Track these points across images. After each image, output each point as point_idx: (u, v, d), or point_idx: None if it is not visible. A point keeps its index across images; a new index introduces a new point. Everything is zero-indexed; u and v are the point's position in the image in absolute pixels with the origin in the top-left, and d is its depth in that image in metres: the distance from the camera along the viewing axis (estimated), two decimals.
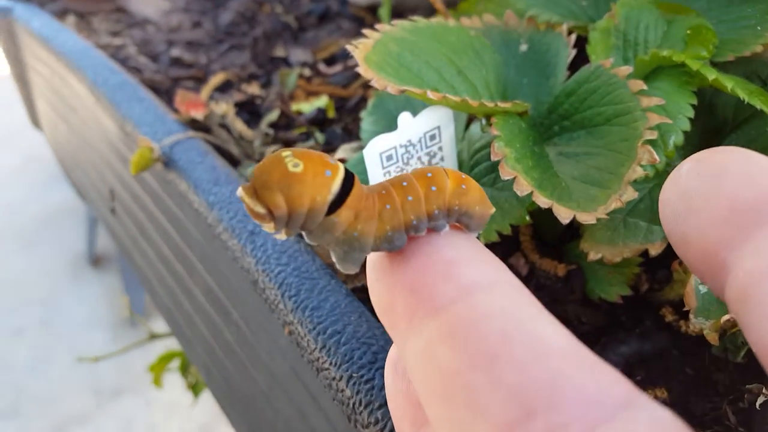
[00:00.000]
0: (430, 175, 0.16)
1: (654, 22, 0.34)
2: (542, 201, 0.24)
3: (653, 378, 0.30)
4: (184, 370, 0.74)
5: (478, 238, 0.30)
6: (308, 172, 0.14)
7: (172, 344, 0.84)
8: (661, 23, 0.34)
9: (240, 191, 0.14)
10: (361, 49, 0.28)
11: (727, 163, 0.14)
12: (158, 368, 0.73)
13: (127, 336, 1.33)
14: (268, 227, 0.14)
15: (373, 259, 0.16)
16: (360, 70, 0.27)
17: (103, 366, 1.26)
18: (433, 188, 0.15)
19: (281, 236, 0.15)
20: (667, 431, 0.11)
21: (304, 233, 0.15)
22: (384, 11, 0.46)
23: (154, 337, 0.68)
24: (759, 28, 0.32)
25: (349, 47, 0.28)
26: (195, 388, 0.74)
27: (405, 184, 0.15)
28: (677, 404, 0.29)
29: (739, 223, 0.13)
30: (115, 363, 1.26)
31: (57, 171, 1.78)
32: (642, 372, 0.30)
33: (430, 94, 0.26)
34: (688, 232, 0.14)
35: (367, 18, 0.56)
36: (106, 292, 1.47)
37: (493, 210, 0.17)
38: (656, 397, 0.29)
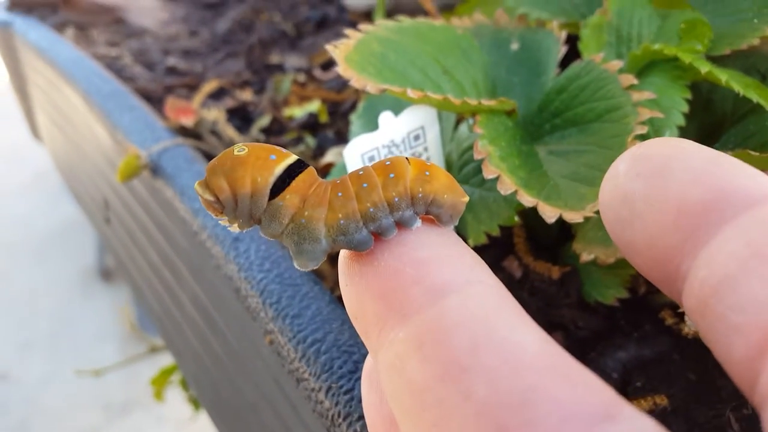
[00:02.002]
0: (388, 163, 0.15)
1: (648, 17, 0.33)
2: (527, 200, 0.23)
3: (653, 384, 0.29)
4: (185, 383, 0.73)
5: (466, 242, 0.29)
6: (251, 156, 0.14)
7: None
8: (655, 18, 0.33)
9: (196, 184, 0.14)
10: (342, 49, 0.27)
11: (667, 160, 0.13)
12: (160, 382, 0.72)
13: (137, 350, 1.33)
14: (222, 219, 0.15)
15: (343, 261, 0.15)
16: (339, 69, 0.26)
17: (113, 381, 1.25)
18: (392, 175, 0.15)
19: (234, 228, 0.15)
20: None
21: (258, 227, 0.15)
22: (378, 15, 0.45)
23: (154, 350, 0.67)
24: (756, 20, 0.31)
25: (328, 47, 0.27)
26: (196, 402, 0.73)
27: (361, 173, 0.15)
28: (678, 411, 0.27)
29: (689, 228, 0.12)
30: (125, 377, 1.26)
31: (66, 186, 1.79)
32: (641, 378, 0.29)
33: (411, 93, 0.25)
34: (635, 239, 0.13)
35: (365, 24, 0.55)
36: (115, 305, 1.47)
37: (467, 198, 0.16)
38: (656, 404, 0.27)
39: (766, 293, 0.11)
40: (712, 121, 0.32)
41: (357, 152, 0.26)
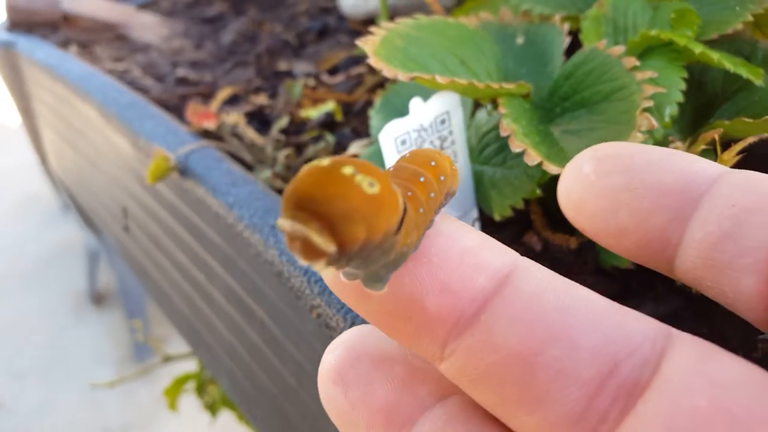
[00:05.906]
0: (434, 164, 0.14)
1: (641, 9, 0.36)
2: (552, 168, 0.26)
3: None
4: (200, 390, 0.74)
5: (492, 217, 0.31)
6: (385, 193, 0.11)
7: (175, 372, 0.82)
8: (648, 9, 0.36)
9: (299, 228, 0.10)
10: (370, 44, 0.30)
11: (630, 157, 0.15)
12: (173, 392, 0.73)
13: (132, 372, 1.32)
14: (318, 265, 0.11)
15: None
16: (371, 61, 0.29)
17: (110, 403, 1.25)
18: (442, 178, 0.14)
19: (327, 273, 0.11)
20: (706, 350, 0.13)
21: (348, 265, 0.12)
22: (382, 19, 0.48)
23: (168, 359, 0.68)
24: (738, 8, 0.34)
25: (358, 42, 0.29)
26: (212, 408, 0.74)
27: (422, 180, 0.14)
28: None
29: (674, 205, 0.15)
30: (121, 399, 1.25)
31: (56, 209, 1.79)
32: None
33: (439, 79, 0.28)
34: (623, 224, 0.15)
35: (365, 32, 0.57)
36: (109, 329, 1.46)
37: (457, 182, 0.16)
38: None
39: (764, 234, 0.13)
40: (705, 101, 0.35)
41: (391, 136, 0.28)
